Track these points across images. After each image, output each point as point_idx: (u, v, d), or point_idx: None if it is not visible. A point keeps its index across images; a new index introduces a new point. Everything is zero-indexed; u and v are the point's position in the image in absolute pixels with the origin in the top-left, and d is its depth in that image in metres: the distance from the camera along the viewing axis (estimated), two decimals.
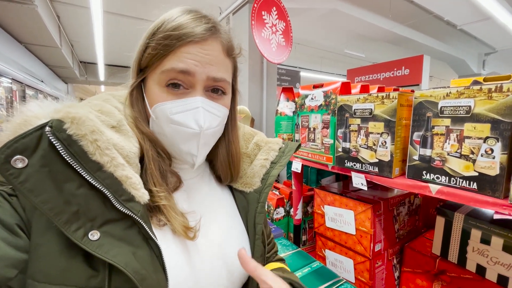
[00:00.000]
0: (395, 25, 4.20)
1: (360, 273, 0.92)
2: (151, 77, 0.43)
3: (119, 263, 0.33)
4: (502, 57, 6.22)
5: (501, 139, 0.52)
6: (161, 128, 0.43)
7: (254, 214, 0.52)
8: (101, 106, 0.40)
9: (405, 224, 1.00)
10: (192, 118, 0.41)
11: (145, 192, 0.38)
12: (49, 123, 0.33)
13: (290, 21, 1.74)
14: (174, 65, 0.40)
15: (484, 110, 0.54)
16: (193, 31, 0.40)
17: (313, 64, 7.62)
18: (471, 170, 0.56)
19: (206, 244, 0.45)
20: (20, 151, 0.31)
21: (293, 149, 0.57)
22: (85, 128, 0.34)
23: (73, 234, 0.32)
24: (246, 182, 0.54)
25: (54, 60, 5.71)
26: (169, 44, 0.40)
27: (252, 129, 0.62)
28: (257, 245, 0.51)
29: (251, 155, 0.57)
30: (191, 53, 0.40)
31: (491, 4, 2.49)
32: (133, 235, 0.37)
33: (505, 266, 0.69)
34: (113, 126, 0.39)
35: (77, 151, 0.34)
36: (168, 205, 0.41)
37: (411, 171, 0.67)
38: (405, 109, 0.70)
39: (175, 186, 0.45)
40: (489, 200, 0.53)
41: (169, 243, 0.40)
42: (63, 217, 0.32)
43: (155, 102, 0.42)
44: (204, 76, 0.42)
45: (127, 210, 0.36)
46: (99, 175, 0.34)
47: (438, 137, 0.61)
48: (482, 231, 0.73)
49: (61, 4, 3.74)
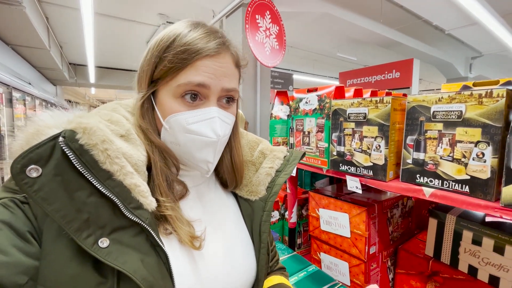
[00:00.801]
0: (386, 29, 4.29)
1: (356, 275, 0.93)
2: (164, 89, 0.44)
3: (128, 270, 0.34)
4: (488, 61, 6.43)
5: (491, 143, 0.53)
6: (175, 137, 0.44)
7: (260, 222, 0.52)
8: (110, 116, 0.42)
9: (398, 226, 1.01)
10: (209, 127, 0.43)
11: (153, 200, 0.39)
12: (62, 134, 0.34)
13: (283, 25, 1.76)
14: (191, 79, 0.42)
15: (475, 115, 0.55)
16: (208, 46, 0.42)
17: (305, 67, 7.69)
18: (463, 173, 0.57)
19: (211, 252, 0.46)
20: (35, 161, 0.32)
21: (298, 157, 0.58)
22: (96, 138, 0.35)
23: (84, 242, 0.33)
24: (252, 190, 0.55)
25: (42, 62, 5.59)
26: (186, 58, 0.41)
27: (257, 136, 0.62)
28: (262, 254, 0.51)
29: (256, 163, 0.58)
30: (207, 66, 0.42)
31: (478, 10, 2.57)
32: (141, 242, 0.38)
33: (496, 267, 0.70)
34: (122, 135, 0.41)
35: (88, 160, 0.35)
36: (175, 215, 0.41)
37: (405, 174, 0.68)
38: (399, 114, 0.72)
39: (182, 194, 0.46)
40: (481, 203, 0.54)
41: (176, 251, 0.41)
42: (75, 225, 0.33)
43: (169, 113, 0.43)
44: (219, 87, 0.44)
45: (136, 218, 0.37)
46: (109, 183, 0.36)
47: (431, 141, 0.62)
48: (474, 232, 0.74)
49: (50, 5, 3.67)
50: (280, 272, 0.63)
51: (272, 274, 0.61)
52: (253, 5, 1.52)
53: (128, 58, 6.52)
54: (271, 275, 0.60)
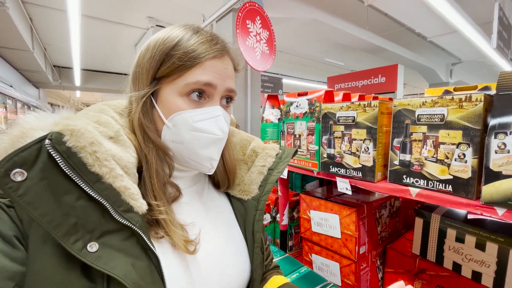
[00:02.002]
0: (372, 36, 4.43)
1: (346, 276, 0.94)
2: (168, 87, 0.44)
3: (118, 274, 0.33)
4: (467, 67, 6.74)
5: (471, 145, 0.56)
6: (179, 136, 0.44)
7: (253, 222, 0.52)
8: (98, 117, 0.40)
9: (386, 226, 1.04)
10: (215, 125, 0.45)
11: (143, 203, 0.38)
12: (49, 136, 0.33)
13: (273, 30, 1.79)
14: (199, 78, 0.42)
15: (456, 118, 0.58)
16: (216, 48, 0.44)
17: (295, 71, 7.80)
18: (446, 173, 0.60)
19: (204, 254, 0.45)
20: (20, 165, 0.31)
21: (290, 155, 0.58)
22: (84, 140, 0.34)
23: (72, 247, 0.32)
24: (244, 190, 0.55)
25: (25, 64, 5.41)
26: (197, 56, 0.42)
27: (248, 134, 0.62)
28: (256, 253, 0.51)
29: (248, 162, 0.57)
30: (214, 67, 0.44)
31: (456, 19, 2.71)
32: (131, 246, 0.37)
33: (478, 263, 0.74)
34: (111, 136, 0.40)
35: (76, 163, 0.34)
36: (168, 219, 0.41)
37: (392, 175, 0.71)
38: (386, 117, 0.74)
39: (175, 197, 0.46)
40: (463, 201, 0.57)
41: (167, 255, 0.41)
42: (62, 230, 0.32)
43: (173, 111, 0.43)
44: (224, 87, 0.46)
45: (126, 221, 0.36)
46: (98, 186, 0.35)
47: (416, 143, 0.65)
48: (457, 230, 0.78)
49: (34, 6, 3.57)
50: (276, 271, 0.63)
51: (269, 273, 0.61)
52: (243, 10, 1.55)
53: (116, 61, 6.40)
54: (270, 274, 0.60)
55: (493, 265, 0.71)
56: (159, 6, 3.54)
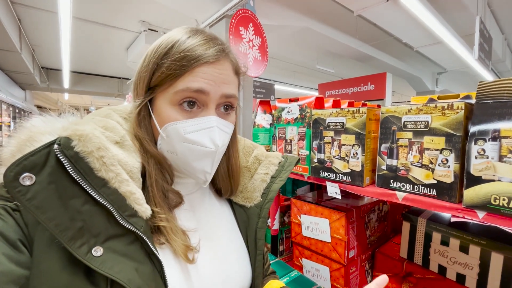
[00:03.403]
0: (361, 45, 4.56)
1: (336, 279, 0.95)
2: (161, 96, 0.43)
3: (122, 279, 0.33)
4: (451, 76, 7.01)
5: (454, 151, 0.59)
6: (172, 146, 0.43)
7: (255, 229, 0.52)
8: (105, 122, 0.41)
9: (375, 230, 1.06)
10: (207, 137, 0.42)
11: (148, 207, 0.39)
12: (57, 141, 0.34)
13: (266, 37, 1.82)
14: (189, 85, 0.41)
15: (439, 125, 0.61)
16: (208, 53, 0.41)
17: (286, 77, 7.90)
18: (430, 178, 0.63)
19: (206, 260, 0.45)
20: (29, 169, 0.32)
21: (293, 164, 0.58)
22: (92, 145, 0.35)
23: (77, 251, 0.32)
24: (247, 197, 0.54)
25: (12, 65, 5.27)
26: (185, 64, 0.40)
27: (251, 142, 0.62)
28: (258, 261, 0.51)
29: (251, 169, 0.57)
30: (206, 73, 0.41)
31: (441, 30, 2.85)
32: (135, 251, 0.37)
33: (462, 265, 0.76)
34: (117, 141, 0.40)
35: (83, 168, 0.34)
36: (169, 226, 0.41)
37: (380, 180, 0.73)
38: (373, 123, 0.77)
39: (176, 204, 0.45)
40: (446, 205, 0.59)
41: (169, 261, 0.41)
42: (68, 234, 0.32)
43: (166, 121, 0.42)
44: (218, 94, 0.43)
45: (131, 226, 0.36)
46: (104, 191, 0.35)
47: (402, 148, 0.68)
48: (442, 234, 0.80)
49: (23, 7, 3.50)
50: (272, 276, 0.63)
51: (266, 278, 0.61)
52: (236, 17, 1.58)
53: (106, 63, 6.33)
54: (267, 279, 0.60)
55: (476, 267, 0.73)
56: (152, 10, 3.54)
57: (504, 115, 0.52)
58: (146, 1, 2.89)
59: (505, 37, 4.42)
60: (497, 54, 4.26)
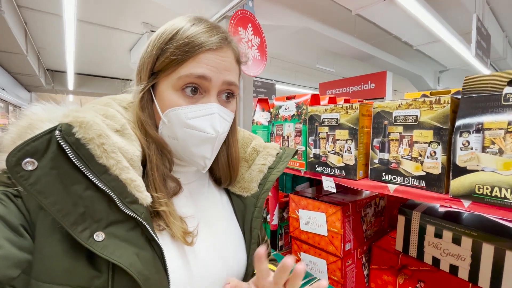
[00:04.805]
0: (361, 44, 4.57)
1: (333, 272, 0.98)
2: (164, 81, 0.43)
3: (123, 263, 0.34)
4: (453, 74, 6.97)
5: (441, 143, 0.61)
6: (173, 132, 0.44)
7: (251, 218, 0.53)
8: (105, 111, 0.41)
9: (372, 225, 1.08)
10: (208, 123, 0.43)
11: (148, 195, 0.39)
12: (58, 127, 0.34)
13: (265, 37, 1.86)
14: (192, 71, 0.41)
15: (428, 118, 0.63)
16: (211, 40, 0.42)
17: (287, 77, 7.91)
18: (420, 170, 0.65)
19: (203, 247, 0.47)
20: (31, 154, 0.32)
21: (290, 155, 0.59)
22: (93, 132, 0.35)
23: (80, 235, 0.33)
24: (244, 187, 0.55)
25: (18, 68, 5.36)
26: (189, 50, 0.41)
27: (250, 133, 0.63)
28: (252, 249, 0.52)
29: (249, 160, 0.58)
30: (209, 59, 0.42)
31: (439, 28, 2.86)
32: (136, 237, 0.38)
33: (455, 257, 0.78)
34: (117, 130, 0.40)
35: (84, 154, 0.35)
36: (168, 210, 0.42)
37: (372, 173, 0.75)
38: (366, 118, 0.79)
39: (175, 191, 0.46)
40: (434, 195, 0.61)
41: (169, 246, 0.42)
42: (71, 219, 0.33)
43: (168, 107, 0.43)
44: (220, 81, 0.44)
45: (131, 212, 0.37)
46: (105, 177, 0.36)
47: (393, 142, 0.70)
48: (435, 226, 0.82)
49: (29, 11, 3.57)
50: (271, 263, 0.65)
51: None
52: (235, 18, 1.61)
53: (110, 65, 6.40)
54: None
55: (468, 258, 0.75)
56: (154, 12, 3.59)
57: (487, 108, 0.54)
58: (148, 3, 2.94)
59: (505, 35, 4.41)
60: (497, 51, 4.25)
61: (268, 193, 0.55)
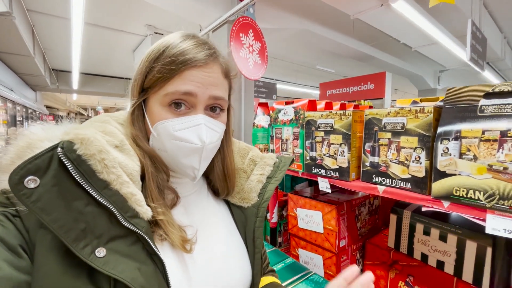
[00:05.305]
0: (361, 45, 4.59)
1: (328, 267, 1.04)
2: (153, 97, 0.45)
3: (125, 278, 0.34)
4: (453, 74, 6.96)
5: (425, 149, 0.67)
6: (163, 144, 0.45)
7: (253, 228, 0.53)
8: (104, 127, 0.42)
9: (366, 223, 1.14)
10: (195, 134, 0.44)
11: (148, 209, 0.40)
12: (60, 144, 0.35)
13: (265, 41, 1.91)
14: (177, 88, 0.43)
15: (413, 126, 0.69)
16: (196, 57, 0.43)
17: (288, 77, 7.96)
18: (406, 173, 0.71)
19: (205, 259, 0.46)
20: (33, 172, 0.32)
21: (287, 164, 0.60)
22: (94, 148, 0.36)
23: (81, 252, 0.33)
24: (244, 197, 0.55)
25: (25, 68, 5.47)
26: (174, 68, 0.42)
27: (246, 144, 0.64)
28: (257, 259, 0.52)
29: (248, 171, 0.58)
30: (194, 76, 0.43)
31: (435, 32, 2.90)
32: (137, 251, 0.38)
33: (441, 253, 0.83)
34: (116, 145, 0.41)
35: (86, 170, 0.36)
36: (166, 219, 0.42)
37: (364, 175, 0.81)
38: (359, 124, 0.85)
39: (173, 203, 0.47)
40: (418, 196, 0.67)
41: (170, 259, 0.42)
42: (72, 235, 0.33)
43: (157, 120, 0.44)
44: (206, 96, 0.45)
45: (133, 227, 0.37)
46: (106, 192, 0.36)
47: (383, 147, 0.76)
48: (424, 225, 0.88)
49: (37, 14, 3.65)
50: (270, 273, 0.66)
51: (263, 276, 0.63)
52: (237, 24, 1.67)
53: (113, 65, 6.48)
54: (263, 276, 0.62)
55: (453, 254, 0.80)
56: (158, 15, 3.66)
57: (465, 118, 0.60)
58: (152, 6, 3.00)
59: (504, 36, 4.43)
60: (495, 53, 4.27)
61: (268, 202, 0.55)
